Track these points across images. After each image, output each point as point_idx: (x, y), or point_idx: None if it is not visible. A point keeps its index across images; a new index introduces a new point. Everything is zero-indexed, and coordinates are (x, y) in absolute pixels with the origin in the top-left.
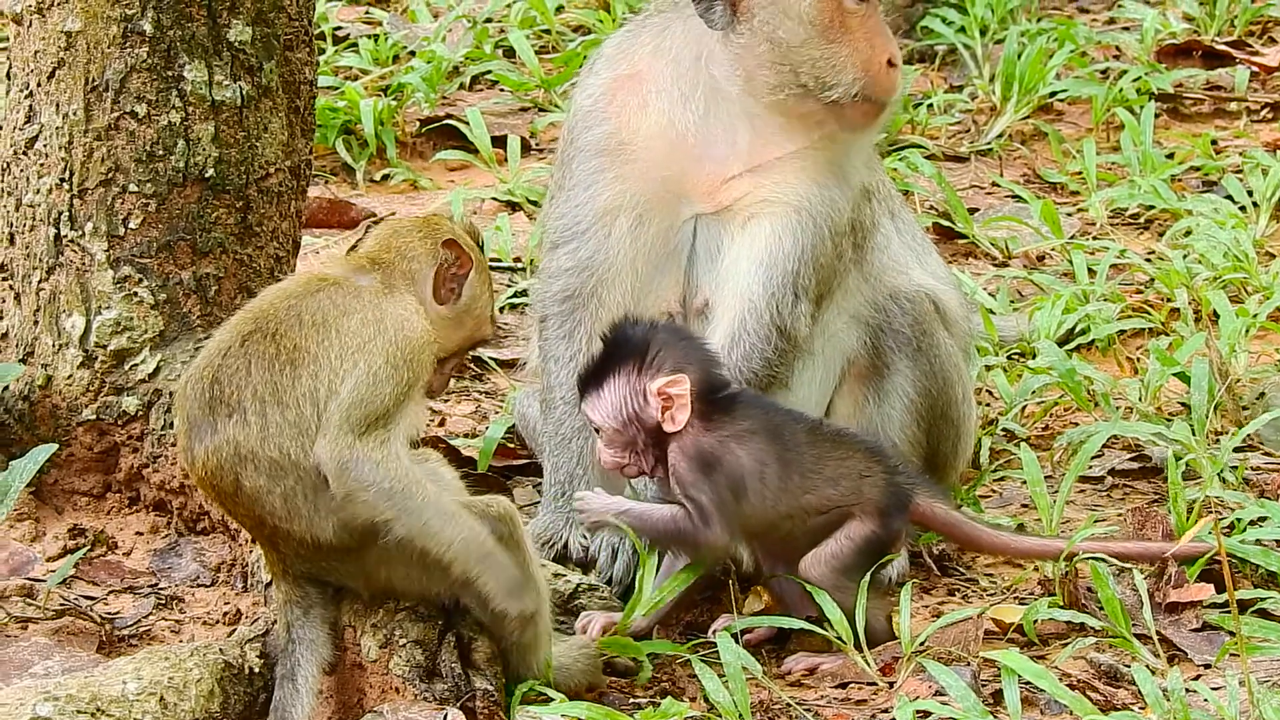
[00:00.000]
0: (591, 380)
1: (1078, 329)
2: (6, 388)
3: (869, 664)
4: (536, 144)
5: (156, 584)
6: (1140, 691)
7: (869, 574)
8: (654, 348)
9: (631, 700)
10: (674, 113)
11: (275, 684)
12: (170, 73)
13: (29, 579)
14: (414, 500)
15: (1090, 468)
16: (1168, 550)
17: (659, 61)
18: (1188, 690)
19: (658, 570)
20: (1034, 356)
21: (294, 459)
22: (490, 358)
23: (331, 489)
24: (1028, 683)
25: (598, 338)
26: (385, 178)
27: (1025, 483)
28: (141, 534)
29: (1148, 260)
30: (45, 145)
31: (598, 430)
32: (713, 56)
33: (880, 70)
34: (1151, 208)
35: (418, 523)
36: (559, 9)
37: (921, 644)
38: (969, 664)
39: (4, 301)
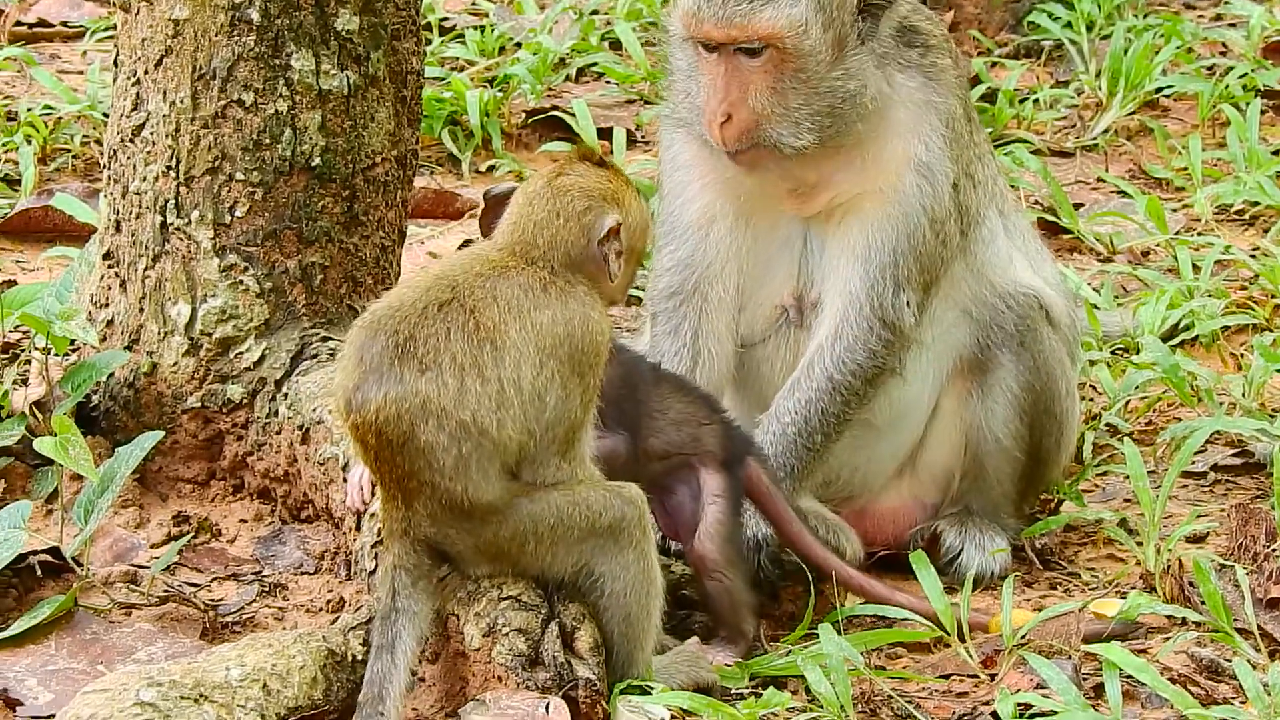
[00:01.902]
0: None
1: (1182, 324)
2: (112, 375)
3: (971, 656)
4: (642, 136)
5: (260, 571)
6: (1241, 686)
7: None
8: None
9: (734, 691)
10: None
11: (372, 652)
12: (277, 61)
13: (133, 565)
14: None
15: (1193, 463)
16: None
17: None
18: None
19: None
20: (1138, 352)
21: (483, 427)
22: None
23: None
24: (1129, 676)
25: (704, 334)
26: (491, 169)
27: (1128, 478)
28: (245, 521)
29: (1252, 256)
30: (152, 133)
31: None
32: None
33: (713, 124)
34: (1256, 204)
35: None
36: (665, 0)
37: (1023, 637)
38: (1070, 657)
39: (110, 289)
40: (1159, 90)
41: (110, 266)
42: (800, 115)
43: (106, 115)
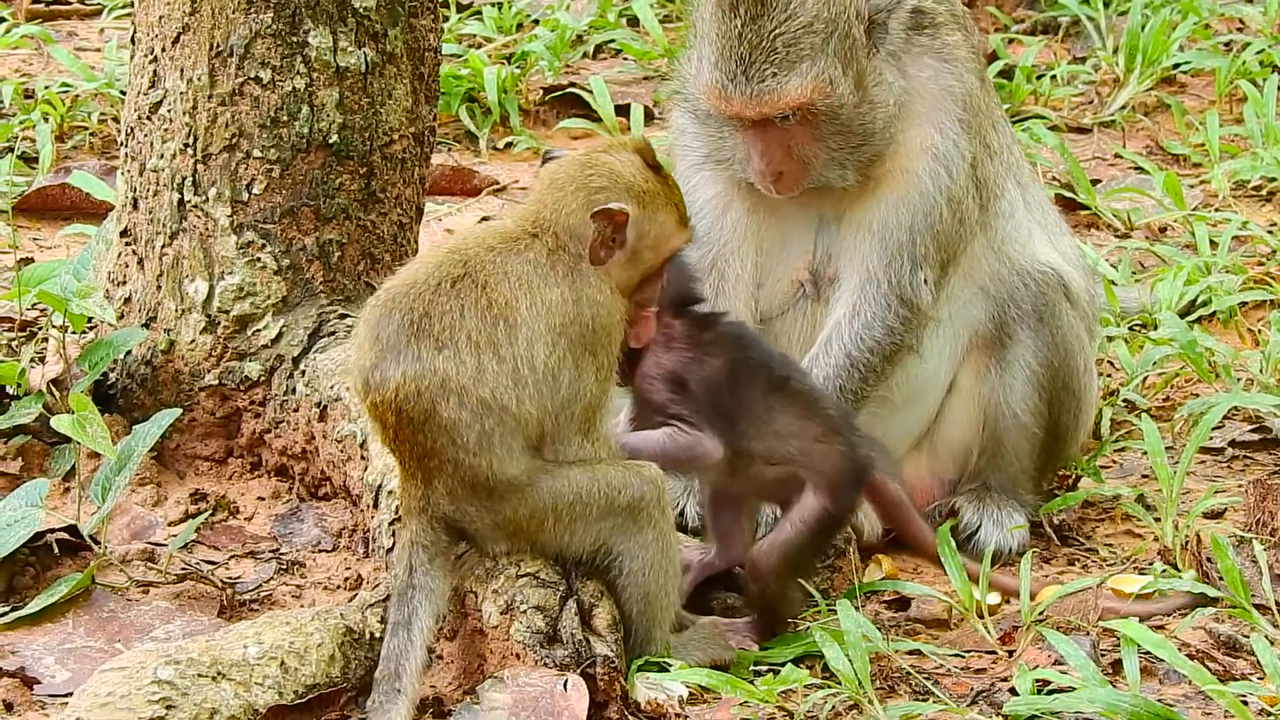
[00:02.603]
0: None
1: (1199, 300)
2: (129, 353)
3: (989, 633)
4: (660, 112)
5: (278, 549)
6: (1259, 662)
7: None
8: None
9: (751, 667)
10: None
11: (388, 629)
12: (295, 38)
13: (151, 543)
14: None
15: (1211, 439)
16: None
17: None
18: None
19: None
20: (1155, 328)
21: (503, 404)
22: None
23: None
24: (1147, 652)
25: (722, 308)
26: (508, 145)
27: (1146, 453)
28: (263, 499)
29: (1269, 232)
30: (169, 110)
31: None
32: None
33: (765, 183)
34: (1274, 180)
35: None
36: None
37: (1041, 613)
38: (1088, 633)
39: (127, 266)
40: (1176, 66)
41: (128, 244)
42: (843, 155)
43: (124, 93)
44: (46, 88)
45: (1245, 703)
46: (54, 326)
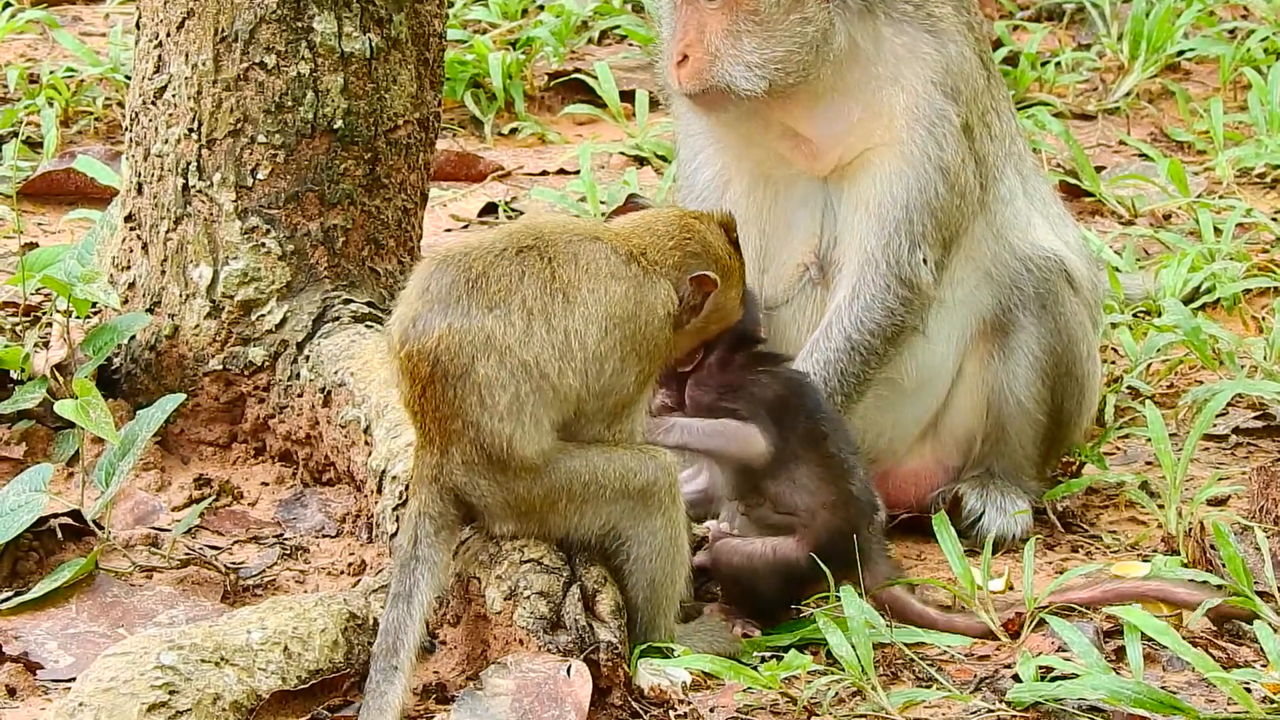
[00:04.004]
0: None
1: (1203, 287)
2: (133, 338)
3: (993, 619)
4: (663, 98)
5: (281, 534)
6: (1262, 649)
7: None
8: None
9: (755, 653)
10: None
11: (388, 600)
12: (299, 24)
13: (154, 528)
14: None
15: (1215, 426)
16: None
17: None
18: None
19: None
20: (1159, 314)
21: (544, 371)
22: None
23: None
24: (1150, 639)
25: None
26: (513, 131)
27: (1150, 440)
28: (267, 484)
29: (1274, 219)
30: (174, 95)
31: None
32: None
33: (670, 65)
34: (1278, 167)
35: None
36: None
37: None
38: (1092, 620)
39: (131, 251)
40: (1180, 53)
41: (132, 229)
42: (753, 59)
43: (128, 78)
44: (51, 72)
45: (1249, 690)
46: (58, 311)
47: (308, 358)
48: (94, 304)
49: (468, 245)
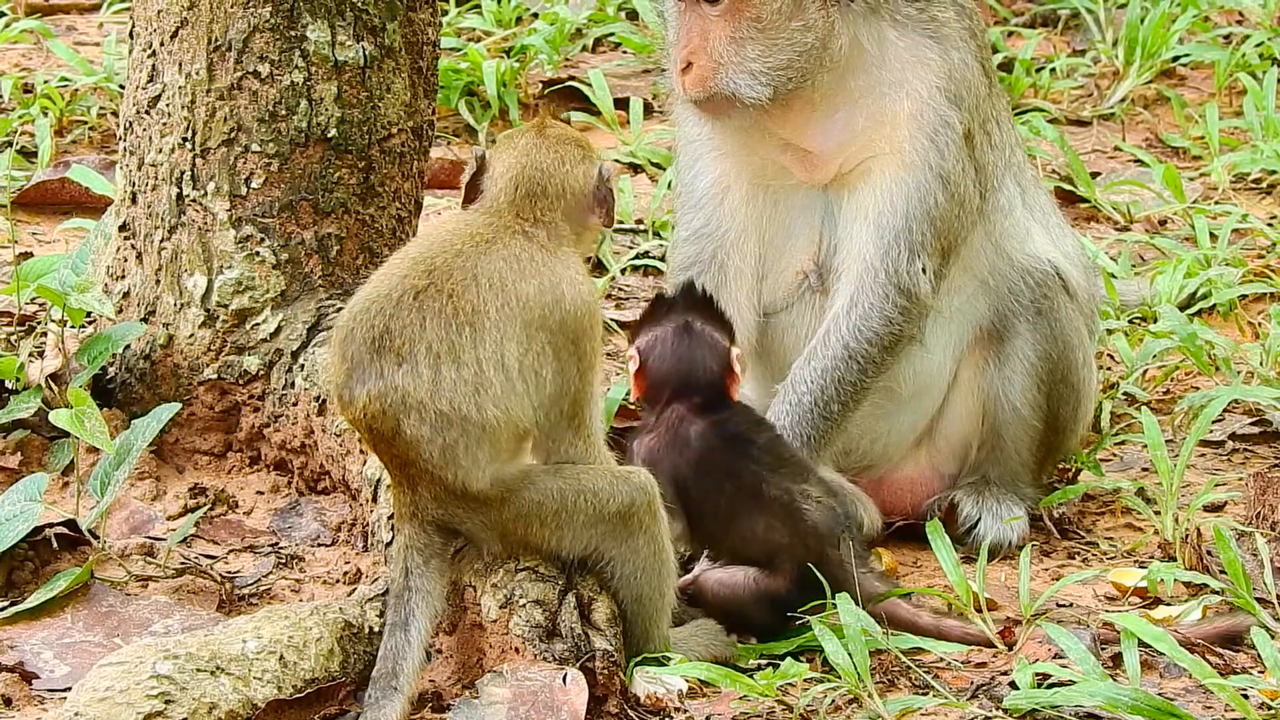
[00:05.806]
0: None
1: (1199, 293)
2: (128, 347)
3: (989, 626)
4: (659, 106)
5: (277, 543)
6: (1260, 655)
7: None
8: (643, 321)
9: (751, 661)
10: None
11: (386, 629)
12: (293, 32)
13: (150, 538)
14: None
15: (1211, 432)
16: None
17: None
18: None
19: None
20: (1155, 321)
21: (464, 414)
22: (612, 319)
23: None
24: (1147, 646)
25: (724, 304)
26: None
27: (1146, 446)
28: (262, 493)
29: (1269, 225)
30: (168, 105)
31: None
32: None
33: (674, 72)
34: (1274, 172)
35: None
36: None
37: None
38: (1088, 627)
39: (126, 261)
40: (1176, 59)
41: (126, 238)
42: (756, 66)
43: (122, 87)
44: (46, 82)
45: (1246, 696)
46: (53, 321)
47: (303, 366)
48: (89, 313)
49: (368, 299)
